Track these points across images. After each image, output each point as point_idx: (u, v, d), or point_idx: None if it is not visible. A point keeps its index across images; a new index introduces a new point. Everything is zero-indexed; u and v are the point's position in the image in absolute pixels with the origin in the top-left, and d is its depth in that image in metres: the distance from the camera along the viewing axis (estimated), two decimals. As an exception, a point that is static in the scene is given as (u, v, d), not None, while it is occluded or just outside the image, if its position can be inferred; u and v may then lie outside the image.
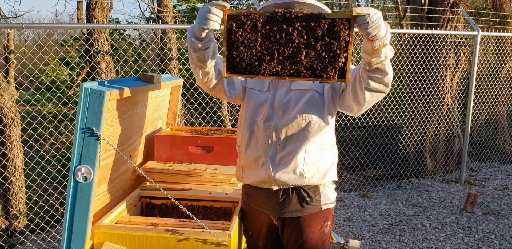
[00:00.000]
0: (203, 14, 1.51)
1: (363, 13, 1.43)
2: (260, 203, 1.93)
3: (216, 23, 1.52)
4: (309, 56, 1.53)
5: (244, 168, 1.92)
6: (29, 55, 3.95)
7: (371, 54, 1.52)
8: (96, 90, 1.67)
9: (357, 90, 1.69)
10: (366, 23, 1.43)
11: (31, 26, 3.46)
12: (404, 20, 8.74)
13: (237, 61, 1.57)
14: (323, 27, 1.49)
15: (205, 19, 1.51)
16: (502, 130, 6.77)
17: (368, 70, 1.59)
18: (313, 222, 1.89)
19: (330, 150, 1.88)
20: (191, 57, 1.69)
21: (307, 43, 1.51)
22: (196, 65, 1.72)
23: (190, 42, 1.61)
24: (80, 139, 1.68)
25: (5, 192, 3.92)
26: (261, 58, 1.55)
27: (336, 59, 1.52)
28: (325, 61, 1.53)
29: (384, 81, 1.62)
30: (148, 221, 1.89)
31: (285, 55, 1.54)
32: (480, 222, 4.12)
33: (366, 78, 1.62)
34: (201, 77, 1.76)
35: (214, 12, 1.50)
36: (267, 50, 1.54)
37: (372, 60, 1.53)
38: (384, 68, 1.57)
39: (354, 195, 4.99)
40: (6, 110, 3.77)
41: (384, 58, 1.52)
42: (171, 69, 4.78)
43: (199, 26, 1.53)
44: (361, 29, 1.46)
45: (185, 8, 8.47)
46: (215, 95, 1.91)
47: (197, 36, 1.58)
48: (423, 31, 5.18)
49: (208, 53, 1.65)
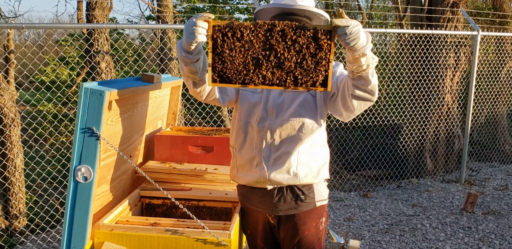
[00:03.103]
0: (189, 28, 1.55)
1: (343, 25, 1.48)
2: (255, 202, 1.96)
3: (203, 36, 1.56)
4: (292, 66, 1.58)
5: (239, 168, 1.95)
6: (29, 55, 3.95)
7: (352, 63, 1.57)
8: (96, 90, 1.67)
9: (346, 97, 1.75)
10: (345, 34, 1.49)
11: (31, 26, 3.46)
12: (404, 20, 8.74)
13: (222, 71, 1.61)
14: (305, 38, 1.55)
15: (192, 33, 1.54)
16: (502, 130, 6.77)
17: (352, 79, 1.65)
18: (308, 219, 1.93)
19: (322, 149, 1.93)
20: (183, 70, 1.72)
21: (290, 53, 1.57)
22: (188, 77, 1.75)
23: (180, 56, 1.65)
24: (80, 138, 1.68)
25: (5, 192, 3.92)
26: (246, 68, 1.59)
27: (318, 69, 1.58)
28: (307, 71, 1.58)
29: (368, 89, 1.67)
30: (148, 221, 1.89)
31: (269, 65, 1.59)
32: (480, 222, 4.12)
33: (351, 86, 1.68)
34: (194, 88, 1.80)
35: (200, 24, 1.54)
36: (252, 60, 1.59)
37: (354, 69, 1.59)
38: (367, 76, 1.62)
39: (354, 195, 4.99)
40: (6, 110, 3.77)
41: (366, 67, 1.57)
42: (171, 69, 4.78)
43: (187, 40, 1.57)
44: (340, 39, 1.52)
45: (185, 8, 8.48)
46: (210, 103, 1.95)
47: (186, 49, 1.62)
48: (423, 31, 5.18)
49: (199, 65, 1.69)
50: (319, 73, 1.58)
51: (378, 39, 9.55)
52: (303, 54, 1.56)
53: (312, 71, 1.58)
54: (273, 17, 1.81)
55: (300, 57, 1.57)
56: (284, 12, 1.77)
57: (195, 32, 1.54)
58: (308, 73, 1.58)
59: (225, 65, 1.59)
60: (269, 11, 1.81)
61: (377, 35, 9.52)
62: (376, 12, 13.12)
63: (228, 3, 9.42)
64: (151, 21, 8.64)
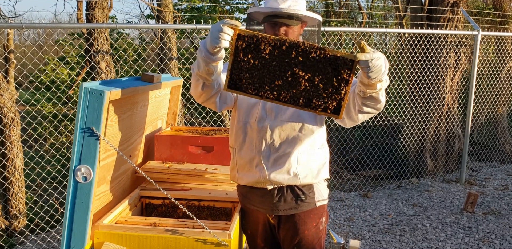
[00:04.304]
0: (214, 32, 1.57)
1: (366, 58, 1.49)
2: (255, 202, 1.96)
3: (227, 42, 1.58)
4: (308, 88, 1.58)
5: (239, 169, 1.95)
6: (28, 55, 3.94)
7: (366, 86, 1.58)
8: (96, 90, 1.66)
9: (351, 108, 1.76)
10: (368, 67, 1.49)
11: (31, 26, 3.45)
12: (404, 20, 8.74)
13: (239, 79, 1.61)
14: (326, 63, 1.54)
15: (217, 38, 1.57)
16: (502, 130, 6.77)
17: (363, 97, 1.66)
18: (309, 219, 1.93)
19: (321, 149, 1.94)
20: (199, 69, 1.71)
21: (309, 75, 1.56)
22: (201, 77, 1.75)
23: (202, 55, 1.65)
24: (80, 138, 1.68)
25: (5, 192, 3.92)
26: (262, 80, 1.60)
27: (333, 96, 1.57)
28: (322, 95, 1.58)
29: (377, 107, 1.70)
30: (148, 221, 1.89)
31: (286, 82, 1.58)
32: (480, 222, 4.12)
33: (360, 103, 1.69)
34: (201, 89, 1.80)
35: (226, 31, 1.56)
36: (268, 74, 1.59)
37: (367, 91, 1.60)
38: (378, 97, 1.64)
39: (354, 195, 4.99)
40: (6, 110, 3.76)
41: (378, 89, 1.59)
42: (171, 69, 4.78)
43: (211, 43, 1.59)
44: (362, 71, 1.52)
45: (185, 7, 8.47)
46: (206, 106, 1.95)
47: (210, 51, 1.63)
48: (423, 31, 5.17)
49: (217, 67, 1.71)
50: (334, 100, 1.57)
51: (378, 39, 9.54)
52: (320, 78, 1.56)
53: (327, 97, 1.57)
54: (265, 18, 1.81)
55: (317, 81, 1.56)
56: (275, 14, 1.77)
57: (220, 37, 1.56)
58: (323, 98, 1.58)
59: (242, 74, 1.60)
60: (261, 12, 1.82)
61: (377, 35, 9.52)
62: (376, 12, 13.12)
63: (228, 2, 9.42)
64: (150, 21, 8.63)
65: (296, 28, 1.80)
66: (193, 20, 4.27)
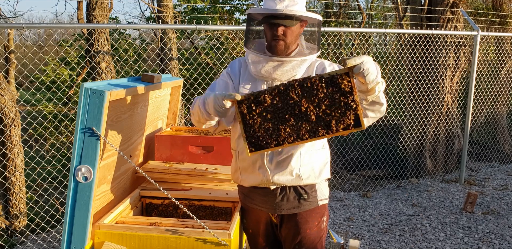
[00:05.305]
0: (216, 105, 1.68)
1: (356, 63, 1.52)
2: (257, 201, 1.96)
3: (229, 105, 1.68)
4: (319, 115, 1.62)
5: (241, 171, 1.96)
6: (29, 55, 3.95)
7: (366, 93, 1.63)
8: (96, 90, 1.67)
9: None
10: (362, 71, 1.53)
11: (31, 26, 3.46)
12: (404, 20, 8.74)
13: (256, 139, 1.67)
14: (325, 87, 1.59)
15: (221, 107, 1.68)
16: (502, 130, 6.77)
17: (366, 105, 1.71)
18: (311, 218, 1.94)
19: (322, 150, 1.95)
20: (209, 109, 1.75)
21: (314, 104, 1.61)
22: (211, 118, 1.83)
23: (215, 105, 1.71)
24: (81, 138, 1.69)
25: (6, 192, 3.92)
26: (276, 128, 1.64)
27: (347, 112, 1.60)
28: (336, 116, 1.61)
29: (381, 110, 1.75)
30: (148, 221, 1.90)
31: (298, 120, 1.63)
32: (480, 222, 4.12)
33: (364, 110, 1.73)
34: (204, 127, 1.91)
35: (226, 105, 1.67)
36: (281, 119, 1.64)
37: (368, 98, 1.65)
38: (379, 100, 1.70)
39: (354, 195, 5.00)
40: (7, 110, 3.77)
41: (378, 93, 1.63)
42: (171, 69, 4.79)
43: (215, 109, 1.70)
44: (359, 77, 1.56)
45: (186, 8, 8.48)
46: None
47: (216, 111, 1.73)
48: (423, 31, 5.18)
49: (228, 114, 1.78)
50: (350, 116, 1.60)
51: (378, 39, 9.55)
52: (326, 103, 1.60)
53: (341, 116, 1.61)
54: (264, 19, 1.82)
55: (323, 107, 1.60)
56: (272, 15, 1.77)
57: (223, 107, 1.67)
58: (338, 119, 1.61)
59: (257, 133, 1.65)
60: (260, 13, 1.82)
61: (377, 35, 9.52)
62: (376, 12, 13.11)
63: (228, 3, 9.42)
64: (151, 21, 8.64)
65: (295, 28, 1.80)
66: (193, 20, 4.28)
